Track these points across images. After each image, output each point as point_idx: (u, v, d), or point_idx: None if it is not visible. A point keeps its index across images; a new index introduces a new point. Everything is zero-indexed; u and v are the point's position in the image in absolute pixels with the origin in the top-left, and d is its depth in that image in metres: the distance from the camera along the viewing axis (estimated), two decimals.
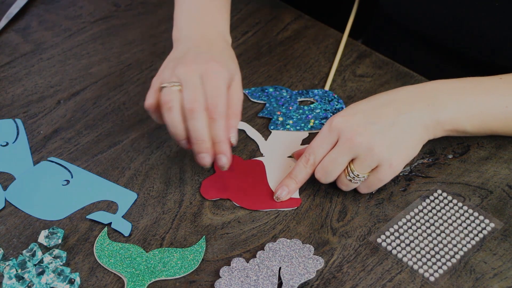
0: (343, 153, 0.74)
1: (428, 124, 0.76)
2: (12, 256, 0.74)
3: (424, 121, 0.76)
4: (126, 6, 1.07)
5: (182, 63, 0.78)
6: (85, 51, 0.99)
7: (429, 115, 0.76)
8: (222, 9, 0.89)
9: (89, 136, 0.87)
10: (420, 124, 0.76)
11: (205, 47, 0.82)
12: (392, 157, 0.74)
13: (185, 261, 0.73)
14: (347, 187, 0.77)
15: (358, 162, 0.74)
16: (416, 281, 0.71)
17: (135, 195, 0.80)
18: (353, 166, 0.75)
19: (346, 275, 0.72)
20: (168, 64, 0.80)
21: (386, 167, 0.74)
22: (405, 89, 0.79)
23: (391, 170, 0.75)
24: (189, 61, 0.78)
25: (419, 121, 0.76)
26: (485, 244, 0.74)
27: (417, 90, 0.78)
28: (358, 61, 0.96)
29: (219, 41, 0.84)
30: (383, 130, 0.74)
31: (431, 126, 0.77)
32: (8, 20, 1.03)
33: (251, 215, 0.78)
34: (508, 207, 0.77)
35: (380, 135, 0.74)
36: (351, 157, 0.74)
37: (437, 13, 0.90)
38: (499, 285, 0.70)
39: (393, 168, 0.75)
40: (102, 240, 0.75)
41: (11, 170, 0.83)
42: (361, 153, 0.74)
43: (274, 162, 0.83)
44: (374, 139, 0.73)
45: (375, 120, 0.75)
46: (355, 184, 0.76)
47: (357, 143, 0.73)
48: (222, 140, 0.76)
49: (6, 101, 0.92)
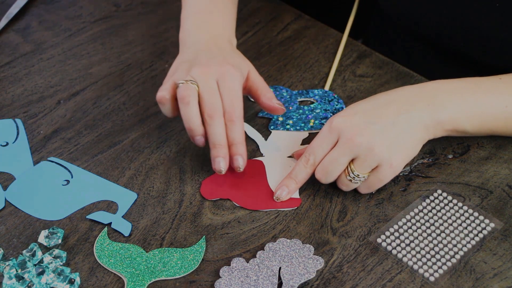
0: (343, 153, 0.74)
1: (428, 124, 0.76)
2: (12, 256, 0.74)
3: (424, 121, 0.76)
4: (126, 6, 1.07)
5: (196, 65, 0.79)
6: (85, 51, 0.99)
7: (429, 115, 0.76)
8: (229, 11, 0.90)
9: (89, 136, 0.87)
10: (420, 124, 0.76)
11: (216, 50, 0.83)
12: (393, 157, 0.74)
13: (185, 261, 0.73)
14: (347, 187, 0.77)
15: (358, 162, 0.74)
16: (416, 281, 0.71)
17: (135, 195, 0.80)
18: (353, 166, 0.75)
19: (346, 275, 0.72)
20: (181, 66, 0.81)
21: (387, 167, 0.74)
22: (405, 89, 0.79)
23: (391, 170, 0.75)
24: (203, 64, 0.80)
25: (419, 121, 0.76)
26: (485, 244, 0.74)
27: (417, 90, 0.78)
28: (358, 61, 0.96)
29: (227, 44, 0.85)
30: (384, 130, 0.74)
31: (431, 126, 0.77)
32: (8, 20, 1.03)
33: (251, 215, 0.78)
34: (508, 207, 0.77)
35: (380, 135, 0.74)
36: (351, 157, 0.74)
37: (437, 14, 0.90)
38: (499, 285, 0.70)
39: (394, 168, 0.75)
40: (102, 240, 0.75)
41: (11, 170, 0.83)
42: (361, 153, 0.74)
43: (274, 162, 0.83)
44: (375, 139, 0.73)
45: (375, 120, 0.75)
46: (355, 184, 0.76)
47: (357, 143, 0.73)
48: (240, 142, 0.78)
49: (6, 101, 0.92)
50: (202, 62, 0.80)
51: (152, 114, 0.89)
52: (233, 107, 0.78)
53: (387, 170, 0.75)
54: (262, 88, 0.83)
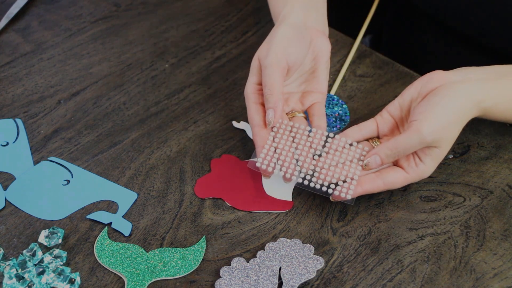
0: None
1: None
2: (13, 256, 0.74)
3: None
4: (126, 6, 1.07)
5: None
6: (85, 51, 0.99)
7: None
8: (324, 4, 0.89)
9: (89, 136, 0.87)
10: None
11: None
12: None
13: (185, 261, 0.73)
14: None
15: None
16: (416, 281, 0.71)
17: (135, 195, 0.80)
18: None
19: (346, 275, 0.72)
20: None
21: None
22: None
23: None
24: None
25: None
26: (485, 244, 0.74)
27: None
28: (358, 61, 0.96)
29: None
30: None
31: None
32: (8, 20, 1.03)
33: (251, 215, 0.78)
34: (508, 207, 0.78)
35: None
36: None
37: (460, 1, 0.89)
38: (499, 285, 0.70)
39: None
40: (103, 240, 0.75)
41: (11, 170, 0.83)
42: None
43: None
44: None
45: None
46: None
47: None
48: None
49: (7, 101, 0.92)
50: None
51: (152, 114, 0.89)
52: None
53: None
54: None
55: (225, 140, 0.86)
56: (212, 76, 0.95)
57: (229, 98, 0.91)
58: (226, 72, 0.95)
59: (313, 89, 0.82)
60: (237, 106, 0.90)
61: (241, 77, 0.94)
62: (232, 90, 0.92)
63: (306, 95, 0.82)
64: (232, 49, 0.99)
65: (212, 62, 0.97)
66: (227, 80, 0.94)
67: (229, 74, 0.95)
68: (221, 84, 0.93)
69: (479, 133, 0.86)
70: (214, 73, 0.95)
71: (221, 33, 1.01)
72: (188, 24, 1.03)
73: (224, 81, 0.94)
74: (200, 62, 0.97)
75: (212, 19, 1.04)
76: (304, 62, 0.82)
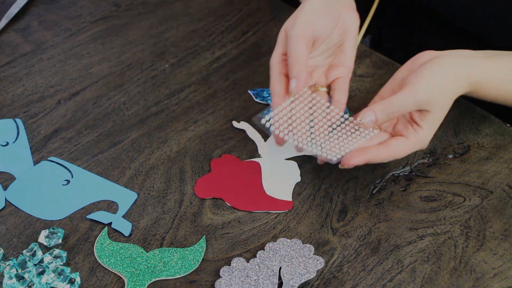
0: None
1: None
2: (12, 256, 0.74)
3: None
4: (126, 6, 1.07)
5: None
6: (85, 51, 0.99)
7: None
8: None
9: (89, 136, 0.87)
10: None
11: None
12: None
13: (185, 261, 0.73)
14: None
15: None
16: (416, 281, 0.71)
17: (135, 195, 0.80)
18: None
19: (346, 275, 0.72)
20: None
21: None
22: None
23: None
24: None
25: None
26: (485, 244, 0.74)
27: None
28: (358, 61, 0.96)
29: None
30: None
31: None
32: (8, 20, 1.03)
33: (251, 215, 0.78)
34: (508, 207, 0.78)
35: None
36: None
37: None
38: (499, 285, 0.70)
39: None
40: (103, 240, 0.75)
41: (11, 170, 0.83)
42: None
43: (270, 164, 0.83)
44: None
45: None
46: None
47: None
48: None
49: (7, 101, 0.92)
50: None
51: (152, 114, 0.89)
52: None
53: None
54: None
55: (225, 140, 0.86)
56: (212, 76, 0.95)
57: (229, 98, 0.91)
58: (226, 72, 0.95)
59: (339, 63, 0.82)
60: (237, 106, 0.90)
61: (241, 77, 0.94)
62: (232, 90, 0.93)
63: (332, 68, 0.82)
64: (232, 49, 0.99)
65: (212, 62, 0.97)
66: (227, 80, 0.94)
67: (229, 74, 0.95)
68: (221, 84, 0.93)
69: (479, 133, 0.86)
70: (214, 73, 0.95)
71: (221, 33, 1.01)
72: (188, 24, 1.03)
73: (224, 81, 0.94)
74: (200, 62, 0.97)
75: (212, 19, 1.04)
76: (331, 36, 0.82)
